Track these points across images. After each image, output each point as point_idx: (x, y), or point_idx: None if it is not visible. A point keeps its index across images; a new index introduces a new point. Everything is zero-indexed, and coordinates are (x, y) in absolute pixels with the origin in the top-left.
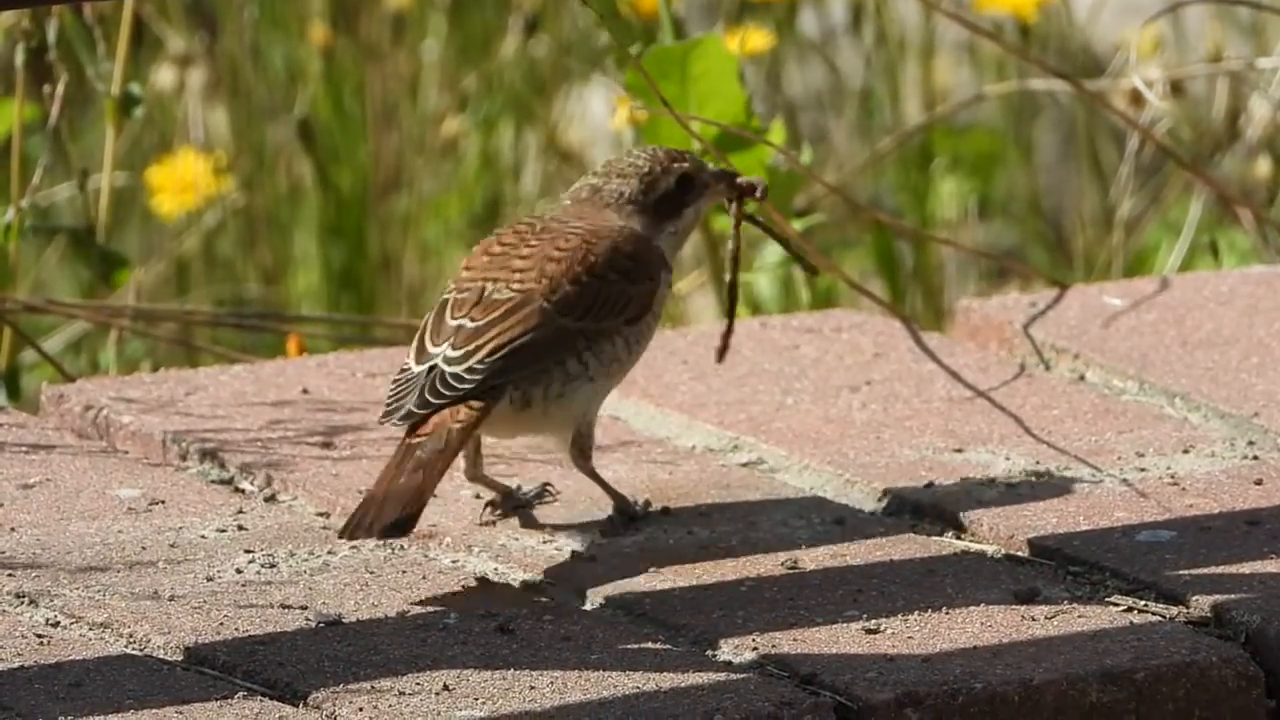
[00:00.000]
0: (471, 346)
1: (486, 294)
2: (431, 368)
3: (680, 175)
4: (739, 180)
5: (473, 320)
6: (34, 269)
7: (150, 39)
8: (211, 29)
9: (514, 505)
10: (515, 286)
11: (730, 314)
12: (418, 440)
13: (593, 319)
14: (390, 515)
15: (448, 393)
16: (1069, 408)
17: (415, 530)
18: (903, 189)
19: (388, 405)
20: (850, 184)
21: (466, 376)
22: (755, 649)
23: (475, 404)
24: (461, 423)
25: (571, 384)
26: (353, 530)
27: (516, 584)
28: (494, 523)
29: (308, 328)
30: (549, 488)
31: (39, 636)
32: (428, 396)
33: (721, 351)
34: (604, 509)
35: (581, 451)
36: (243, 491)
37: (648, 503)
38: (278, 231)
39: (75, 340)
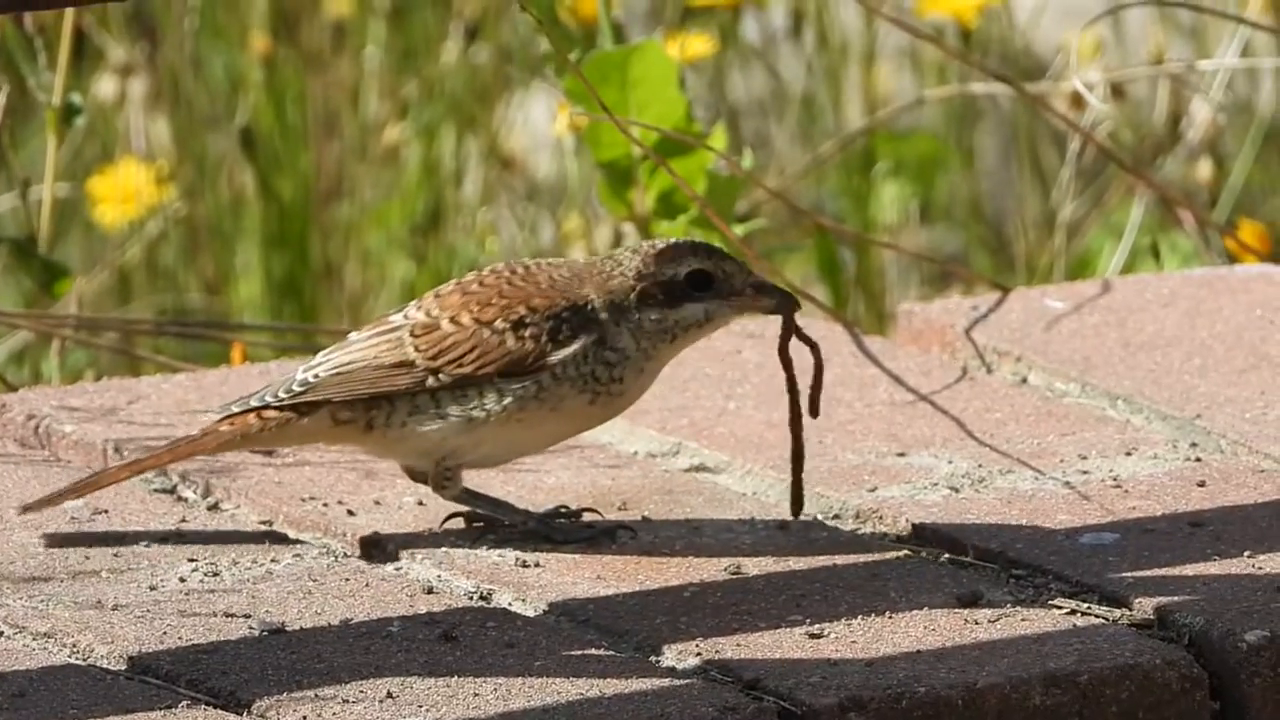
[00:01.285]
0: (327, 358)
1: (398, 313)
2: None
3: (694, 270)
4: (777, 294)
5: (358, 334)
6: None
7: (91, 49)
8: (152, 39)
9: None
10: (411, 311)
11: (796, 463)
12: (195, 433)
13: (454, 363)
14: (56, 495)
15: (269, 399)
16: (1011, 411)
17: (356, 536)
18: (844, 194)
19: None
20: (792, 189)
21: (296, 388)
22: (699, 655)
23: (270, 414)
24: (235, 428)
25: (418, 416)
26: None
27: (459, 591)
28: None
29: (250, 336)
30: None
31: None
32: (252, 399)
33: (795, 504)
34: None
35: (437, 484)
36: (185, 500)
37: (623, 525)
38: (220, 240)
39: (17, 350)
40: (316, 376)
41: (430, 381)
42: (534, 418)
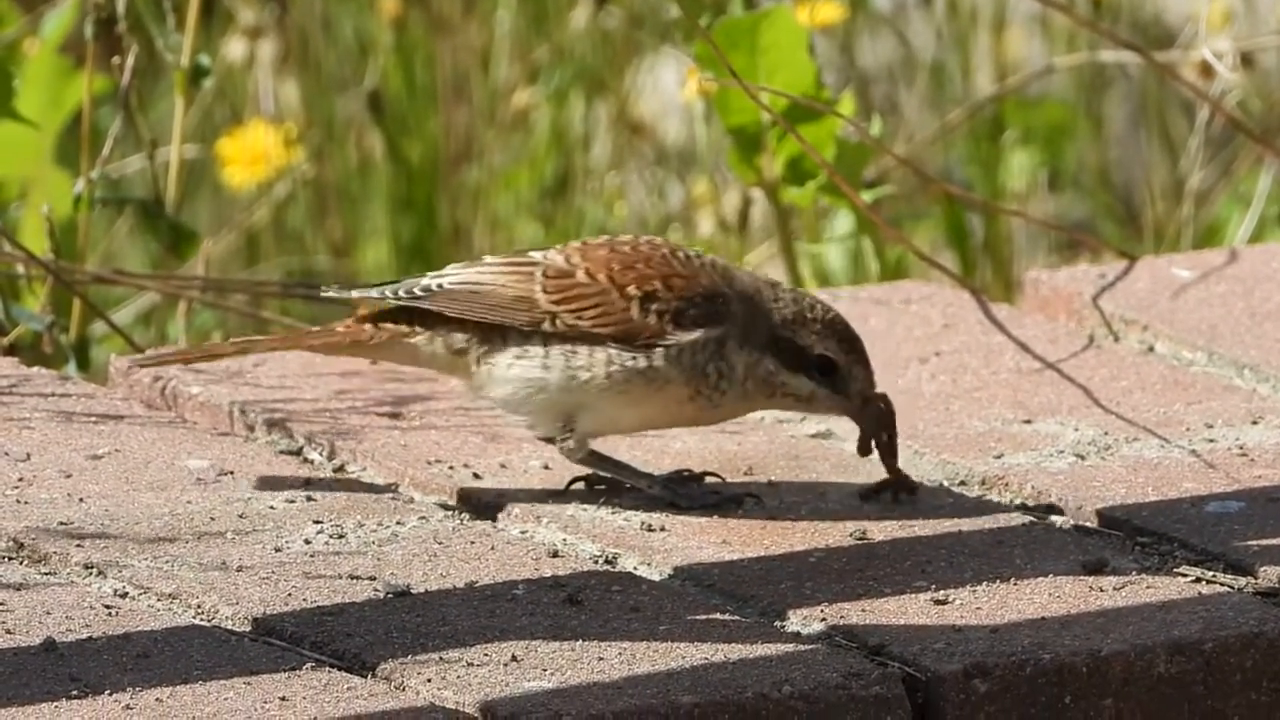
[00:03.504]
0: (456, 272)
1: (540, 251)
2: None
3: (824, 357)
4: (884, 440)
5: (493, 257)
6: (104, 240)
7: (221, 11)
8: (282, 1)
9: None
10: (552, 254)
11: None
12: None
13: (573, 312)
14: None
15: (389, 294)
16: (1138, 379)
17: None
18: (973, 161)
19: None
20: (920, 156)
21: (419, 291)
22: (824, 620)
23: (386, 327)
24: (348, 331)
25: (524, 362)
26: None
27: (585, 555)
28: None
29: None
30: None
31: (107, 607)
32: (372, 290)
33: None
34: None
35: (567, 448)
36: (311, 462)
37: (749, 494)
38: (348, 203)
39: (145, 312)
40: (440, 287)
41: (546, 325)
42: (636, 394)
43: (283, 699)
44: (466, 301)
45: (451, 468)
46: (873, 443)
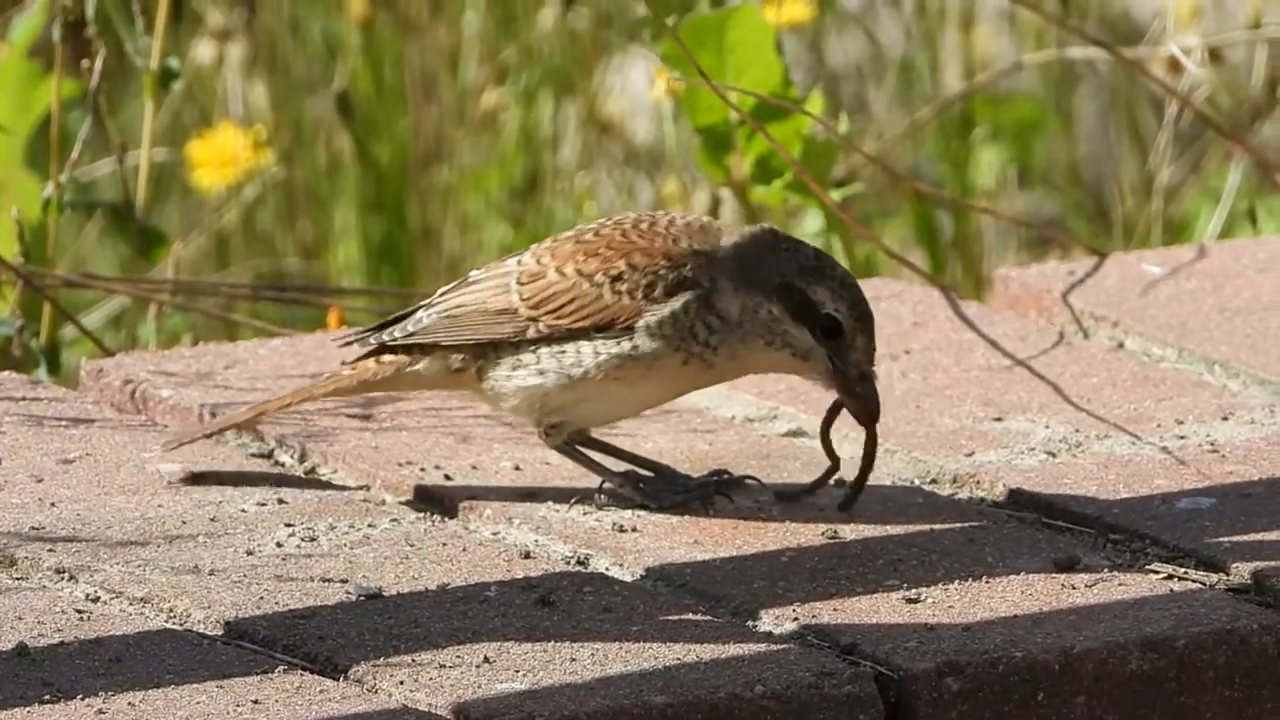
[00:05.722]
0: (443, 299)
1: (514, 257)
2: (415, 310)
3: (832, 318)
4: (864, 408)
5: (478, 272)
6: (74, 244)
7: (189, 13)
8: (250, 3)
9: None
10: (525, 257)
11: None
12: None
13: (552, 314)
14: (186, 436)
15: (385, 338)
16: (1108, 376)
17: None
18: (942, 158)
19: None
20: (890, 153)
21: (411, 328)
22: (796, 619)
23: (387, 359)
24: (355, 373)
25: (520, 371)
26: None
27: (557, 556)
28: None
29: (348, 301)
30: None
31: (79, 612)
32: (372, 337)
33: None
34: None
35: (546, 434)
36: (282, 464)
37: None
38: (317, 205)
39: (115, 315)
40: (430, 318)
41: (530, 331)
42: (631, 376)
43: (255, 702)
44: (456, 328)
45: (423, 469)
46: (831, 432)
